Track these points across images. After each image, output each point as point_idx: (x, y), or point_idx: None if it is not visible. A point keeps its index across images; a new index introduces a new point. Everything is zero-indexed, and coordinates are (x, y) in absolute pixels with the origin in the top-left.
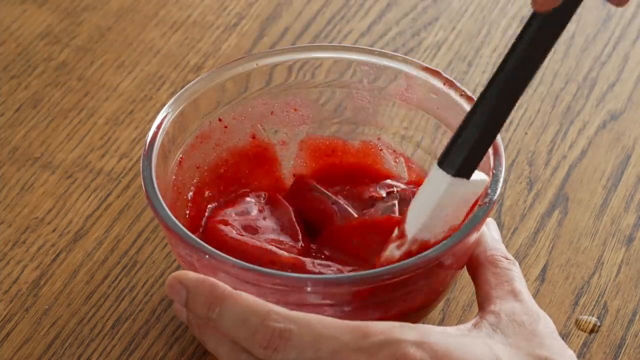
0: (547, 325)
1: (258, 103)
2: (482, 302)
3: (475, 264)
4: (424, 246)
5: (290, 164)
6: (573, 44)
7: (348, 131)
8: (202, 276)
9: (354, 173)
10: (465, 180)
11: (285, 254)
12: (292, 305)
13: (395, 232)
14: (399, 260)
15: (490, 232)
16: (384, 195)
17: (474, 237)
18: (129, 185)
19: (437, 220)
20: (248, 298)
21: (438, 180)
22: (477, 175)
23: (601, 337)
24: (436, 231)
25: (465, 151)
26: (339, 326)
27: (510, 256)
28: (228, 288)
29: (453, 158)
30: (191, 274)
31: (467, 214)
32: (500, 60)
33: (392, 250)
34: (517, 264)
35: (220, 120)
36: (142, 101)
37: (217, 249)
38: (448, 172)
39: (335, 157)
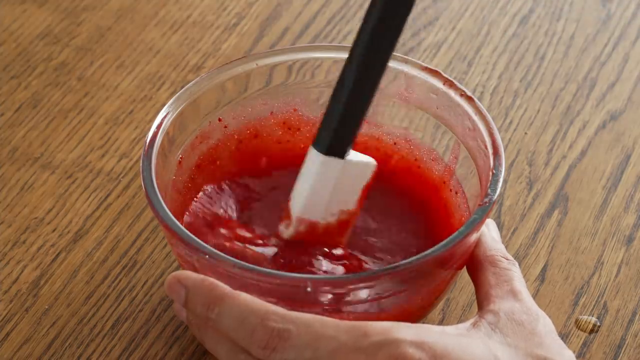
0: (546, 325)
1: (258, 103)
2: (482, 301)
3: (475, 264)
4: (313, 227)
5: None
6: (573, 44)
7: None
8: (201, 276)
9: None
10: (339, 160)
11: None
12: (291, 305)
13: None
14: (292, 239)
15: (489, 232)
16: None
17: (473, 237)
18: (128, 185)
19: (319, 201)
20: (247, 298)
21: (312, 160)
22: (361, 157)
23: (601, 337)
24: (322, 213)
25: (332, 130)
26: (337, 326)
27: (509, 256)
28: (227, 288)
29: (322, 137)
30: (191, 274)
31: (362, 199)
32: (500, 59)
33: (282, 229)
34: (516, 264)
35: (220, 120)
36: (142, 101)
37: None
38: (320, 151)
39: None
